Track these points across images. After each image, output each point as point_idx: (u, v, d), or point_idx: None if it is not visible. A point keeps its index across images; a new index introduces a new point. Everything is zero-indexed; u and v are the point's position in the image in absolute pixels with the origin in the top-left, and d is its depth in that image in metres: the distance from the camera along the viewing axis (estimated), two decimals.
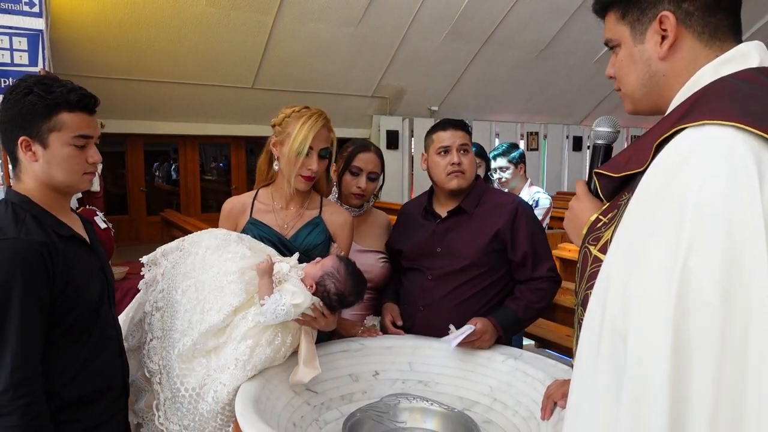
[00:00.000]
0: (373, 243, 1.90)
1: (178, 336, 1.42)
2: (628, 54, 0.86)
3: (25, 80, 1.22)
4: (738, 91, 0.71)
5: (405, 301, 1.77)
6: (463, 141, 1.74)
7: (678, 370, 0.60)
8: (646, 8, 0.82)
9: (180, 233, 5.96)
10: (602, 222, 0.88)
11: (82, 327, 1.27)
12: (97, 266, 1.34)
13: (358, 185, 1.85)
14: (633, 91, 0.88)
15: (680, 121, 0.72)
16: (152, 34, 6.33)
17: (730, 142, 0.65)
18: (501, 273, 1.71)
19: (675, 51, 0.81)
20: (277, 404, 1.32)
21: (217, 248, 1.49)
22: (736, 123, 0.65)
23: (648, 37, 0.83)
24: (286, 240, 1.65)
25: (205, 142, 8.96)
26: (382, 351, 1.62)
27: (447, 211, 1.75)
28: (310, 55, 7.30)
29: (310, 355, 1.42)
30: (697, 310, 0.60)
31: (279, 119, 1.65)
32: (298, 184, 1.62)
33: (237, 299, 1.39)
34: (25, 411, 1.11)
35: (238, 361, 1.34)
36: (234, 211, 1.70)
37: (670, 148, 0.71)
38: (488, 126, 9.70)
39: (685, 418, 0.59)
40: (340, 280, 1.45)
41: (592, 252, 0.86)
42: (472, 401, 1.51)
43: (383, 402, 1.46)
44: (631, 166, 0.81)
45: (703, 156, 0.65)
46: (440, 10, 7.22)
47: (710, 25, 0.79)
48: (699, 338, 0.60)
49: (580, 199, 1.00)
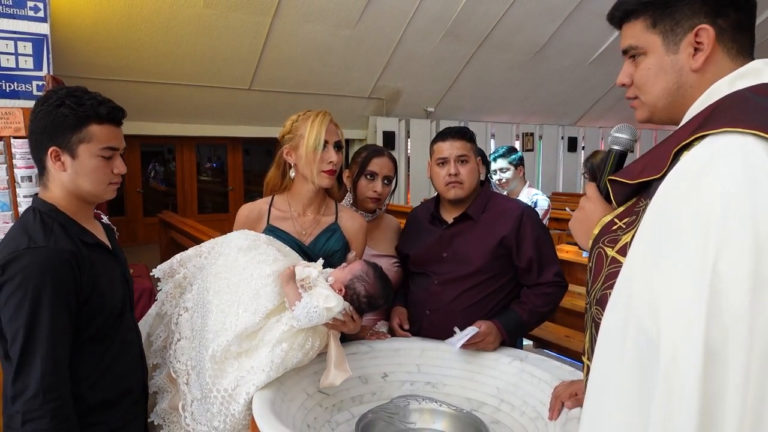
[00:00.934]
0: (386, 247, 1.94)
1: (211, 336, 1.43)
2: (658, 63, 0.87)
3: (57, 92, 1.26)
4: (755, 103, 0.74)
5: (412, 305, 1.81)
6: (461, 152, 1.75)
7: (709, 368, 0.63)
8: (681, 19, 0.84)
9: (178, 235, 5.95)
10: (618, 225, 0.90)
11: (106, 332, 1.30)
12: (119, 272, 1.38)
13: (374, 189, 1.88)
14: (656, 100, 0.89)
15: (700, 129, 0.75)
16: (149, 35, 6.33)
17: (750, 149, 0.68)
18: (507, 278, 1.75)
19: (708, 64, 0.83)
20: (291, 406, 1.35)
21: (248, 249, 1.51)
22: (757, 131, 0.68)
23: (682, 47, 0.84)
24: (305, 247, 1.67)
25: (202, 143, 8.95)
26: (391, 353, 1.66)
27: (453, 218, 1.78)
28: (307, 56, 7.32)
29: (340, 357, 1.45)
30: (728, 312, 0.63)
31: (287, 128, 1.69)
32: (323, 181, 1.64)
33: (272, 302, 1.41)
34: (55, 414, 1.14)
35: (273, 364, 1.36)
36: (251, 217, 1.72)
37: (691, 155, 0.74)
38: (484, 127, 9.75)
39: (714, 416, 0.63)
40: (369, 283, 1.48)
41: (608, 253, 0.87)
42: (479, 402, 1.55)
43: (393, 403, 1.50)
44: (647, 174, 0.84)
45: (725, 162, 0.68)
46: (437, 13, 7.26)
47: (738, 42, 0.83)
48: (729, 339, 0.63)
49: (591, 200, 1.01)
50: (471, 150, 1.78)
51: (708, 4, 0.82)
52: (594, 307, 0.90)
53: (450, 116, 9.37)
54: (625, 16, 0.90)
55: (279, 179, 1.75)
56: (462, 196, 1.76)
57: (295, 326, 1.39)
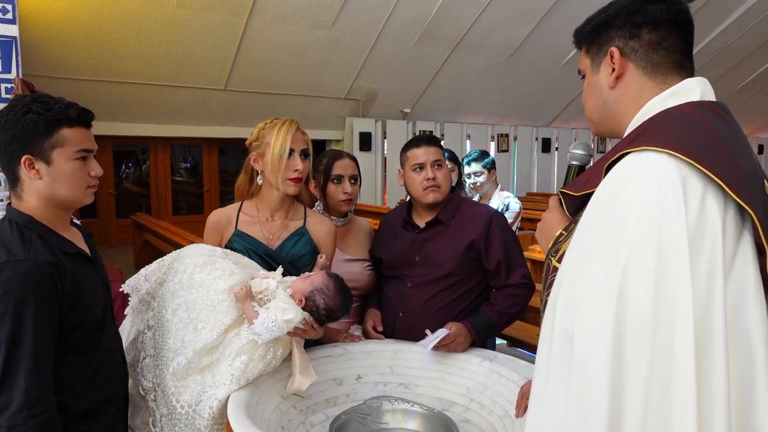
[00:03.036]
0: (358, 251, 1.97)
1: (171, 355, 1.46)
2: (588, 82, 0.99)
3: (21, 100, 1.23)
4: (677, 122, 0.82)
5: (386, 308, 1.85)
6: (436, 157, 1.81)
7: (617, 367, 0.70)
8: (602, 44, 0.95)
9: (152, 237, 5.89)
10: (563, 235, 0.98)
11: (89, 341, 1.30)
12: (99, 280, 1.37)
13: (344, 191, 1.91)
14: (591, 115, 1.00)
15: (627, 146, 0.83)
16: (121, 35, 6.24)
17: (663, 167, 0.75)
18: (477, 280, 1.80)
19: (622, 82, 0.93)
20: (266, 409, 1.38)
21: (204, 265, 1.52)
22: (670, 150, 0.76)
23: (602, 68, 0.95)
24: (271, 251, 1.69)
25: (177, 143, 8.85)
26: (364, 355, 1.69)
27: (425, 222, 1.83)
28: (283, 57, 7.31)
29: (304, 364, 1.47)
30: (633, 315, 0.70)
31: (254, 135, 1.71)
32: (288, 188, 1.67)
33: (229, 317, 1.43)
34: (41, 428, 1.13)
35: (233, 377, 1.38)
36: (220, 224, 1.73)
37: (615, 170, 0.82)
38: (460, 128, 9.85)
39: (621, 413, 0.70)
40: (329, 296, 1.49)
41: (552, 263, 0.96)
42: (450, 402, 1.59)
43: (366, 404, 1.53)
44: (589, 186, 0.91)
45: (640, 178, 0.76)
46: (412, 15, 7.32)
47: (653, 61, 0.91)
48: (635, 341, 0.70)
49: (552, 211, 1.08)
50: (443, 155, 1.85)
51: (624, 28, 0.91)
52: (542, 313, 0.97)
53: (426, 117, 9.45)
54: (577, 44, 1.02)
55: (247, 185, 1.77)
56: (440, 199, 1.81)
57: (256, 339, 1.41)
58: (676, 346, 0.69)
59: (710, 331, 0.70)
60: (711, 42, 9.47)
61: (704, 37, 9.28)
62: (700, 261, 0.70)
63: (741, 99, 11.98)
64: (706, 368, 0.69)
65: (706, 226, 0.72)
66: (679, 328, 0.69)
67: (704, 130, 0.80)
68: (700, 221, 0.72)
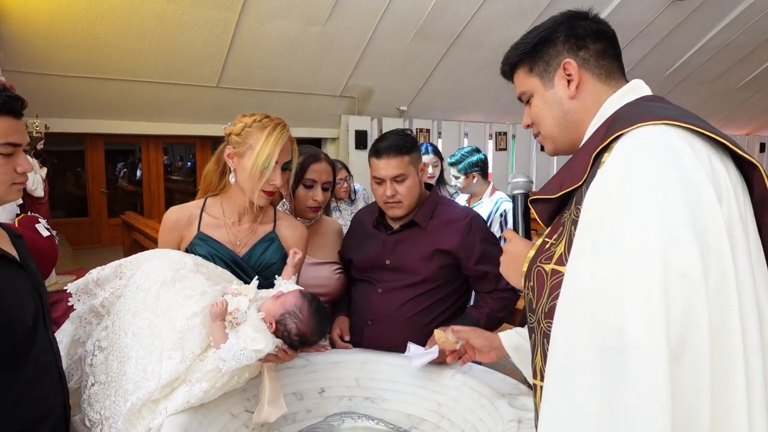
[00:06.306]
0: (327, 254, 1.84)
1: (131, 387, 1.29)
2: (542, 99, 1.00)
3: None
4: (651, 105, 0.86)
5: (354, 314, 1.73)
6: (396, 172, 1.62)
7: (677, 353, 0.67)
8: (550, 59, 0.98)
9: (141, 237, 5.78)
10: (550, 243, 0.94)
11: (17, 355, 1.17)
12: (29, 286, 1.24)
13: (314, 198, 1.76)
14: (551, 130, 1.00)
15: (608, 135, 0.83)
16: (111, 30, 6.12)
17: (668, 134, 0.76)
18: (453, 287, 1.68)
19: (581, 90, 0.96)
20: (210, 430, 1.25)
21: (173, 281, 1.36)
22: (666, 121, 0.78)
23: (556, 82, 0.98)
24: (238, 258, 1.55)
25: (170, 142, 8.74)
26: (328, 367, 1.57)
27: (399, 224, 1.71)
28: (277, 53, 7.19)
29: (274, 393, 1.34)
30: (687, 297, 0.68)
31: (237, 128, 1.51)
32: (260, 200, 1.51)
33: (199, 347, 1.28)
34: None
35: (189, 404, 1.24)
36: (180, 223, 1.57)
37: (613, 154, 0.80)
38: (457, 126, 9.73)
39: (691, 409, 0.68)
40: (302, 320, 1.32)
41: (547, 269, 0.91)
42: (419, 419, 1.47)
43: (327, 422, 1.41)
44: (567, 185, 0.91)
45: (647, 151, 0.76)
46: (407, 11, 7.20)
47: (604, 68, 0.96)
48: (691, 321, 0.67)
49: (513, 242, 1.07)
50: (410, 163, 1.64)
51: (568, 42, 0.96)
52: (544, 321, 0.89)
53: (423, 115, 9.32)
54: (510, 69, 1.05)
55: (217, 179, 1.62)
56: (401, 215, 1.67)
57: (221, 367, 1.26)
58: (733, 317, 0.70)
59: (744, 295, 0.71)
60: (712, 39, 9.33)
61: (705, 34, 9.14)
62: (723, 213, 0.72)
63: (742, 97, 11.84)
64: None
65: (720, 184, 0.74)
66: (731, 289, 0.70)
67: (675, 108, 0.82)
68: (715, 180, 0.73)
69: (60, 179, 8.11)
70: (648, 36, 8.79)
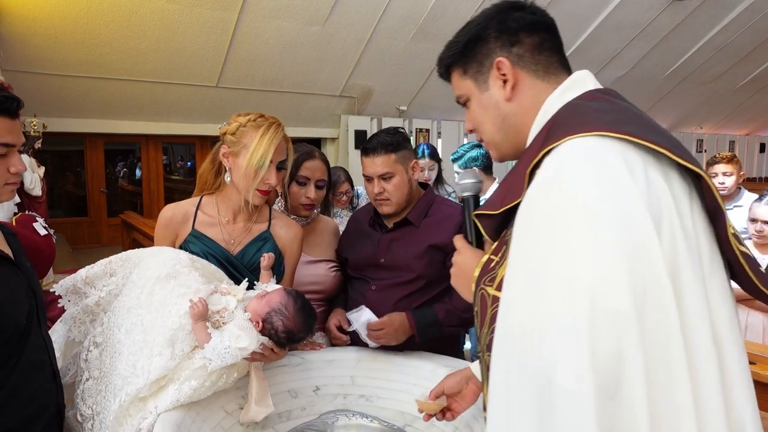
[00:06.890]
0: (323, 252, 1.84)
1: (120, 383, 1.29)
2: (478, 103, 0.92)
3: None
4: (588, 108, 0.78)
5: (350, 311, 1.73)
6: (383, 170, 1.63)
7: (603, 391, 0.61)
8: (483, 59, 0.89)
9: (140, 236, 5.79)
10: (495, 261, 0.88)
11: (10, 353, 1.17)
12: (23, 285, 1.24)
13: (306, 195, 1.75)
14: (492, 135, 0.92)
15: (543, 146, 0.76)
16: (110, 30, 6.12)
17: (599, 148, 0.70)
18: (447, 284, 1.67)
19: (518, 90, 0.88)
20: (203, 427, 1.25)
21: (167, 278, 1.35)
22: (598, 132, 0.71)
23: (491, 83, 0.89)
24: (231, 256, 1.55)
25: (169, 141, 8.75)
26: (324, 365, 1.57)
27: (393, 223, 1.71)
28: (276, 53, 7.19)
29: (262, 392, 1.33)
30: (614, 330, 0.62)
31: (232, 128, 1.52)
32: (255, 199, 1.51)
33: (190, 346, 1.28)
34: None
35: (179, 402, 1.24)
36: (175, 221, 1.57)
37: (541, 170, 0.74)
38: (457, 126, 9.73)
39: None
40: (288, 317, 1.33)
41: (490, 293, 0.85)
42: (413, 416, 1.46)
43: (321, 419, 1.41)
44: (509, 200, 0.83)
45: (573, 168, 0.69)
46: (407, 11, 7.20)
47: (541, 63, 0.88)
48: (623, 360, 0.62)
49: (461, 252, 1.00)
50: (398, 161, 1.65)
51: (500, 39, 0.87)
52: (486, 354, 0.84)
53: (422, 115, 9.32)
54: (446, 71, 0.96)
55: (213, 178, 1.62)
56: (391, 212, 1.68)
57: (208, 366, 1.26)
58: (672, 342, 0.65)
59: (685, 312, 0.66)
60: (712, 39, 9.33)
61: (705, 34, 9.15)
62: (663, 235, 0.66)
63: (742, 97, 11.84)
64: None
65: (660, 199, 0.67)
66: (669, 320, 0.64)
67: (616, 110, 0.76)
68: (651, 194, 0.67)
69: (59, 179, 8.12)
70: (648, 36, 8.79)
